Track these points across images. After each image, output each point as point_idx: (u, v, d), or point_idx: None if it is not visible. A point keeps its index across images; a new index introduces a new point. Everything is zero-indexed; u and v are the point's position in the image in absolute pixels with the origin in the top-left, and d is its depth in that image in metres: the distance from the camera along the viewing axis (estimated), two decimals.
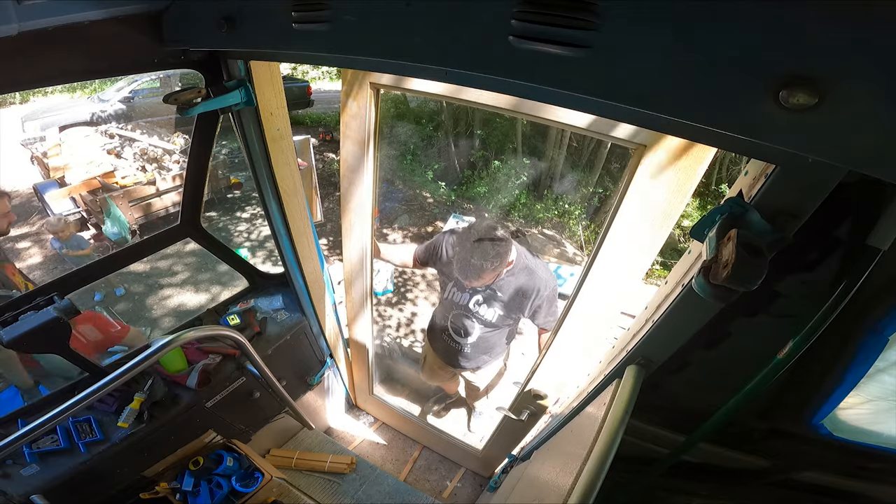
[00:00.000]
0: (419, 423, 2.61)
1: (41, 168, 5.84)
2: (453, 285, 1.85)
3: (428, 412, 2.86)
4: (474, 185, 6.60)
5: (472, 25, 0.59)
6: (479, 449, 2.34)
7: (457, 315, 1.89)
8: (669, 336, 0.88)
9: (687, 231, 6.55)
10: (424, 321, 3.91)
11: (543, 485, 1.22)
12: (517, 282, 1.71)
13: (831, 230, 0.64)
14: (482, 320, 1.83)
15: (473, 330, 1.88)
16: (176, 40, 1.04)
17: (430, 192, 6.62)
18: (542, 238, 5.38)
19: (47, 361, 2.65)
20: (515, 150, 6.68)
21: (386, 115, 8.64)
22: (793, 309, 0.74)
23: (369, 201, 1.57)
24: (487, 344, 1.95)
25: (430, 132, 7.82)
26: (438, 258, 1.88)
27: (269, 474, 1.74)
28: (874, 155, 0.41)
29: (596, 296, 1.23)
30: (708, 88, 0.46)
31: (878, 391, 0.77)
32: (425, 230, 5.87)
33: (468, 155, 7.19)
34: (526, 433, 1.85)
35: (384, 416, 2.74)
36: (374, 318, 2.14)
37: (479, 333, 1.89)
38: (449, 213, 5.80)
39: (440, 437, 2.51)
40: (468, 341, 1.92)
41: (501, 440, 2.07)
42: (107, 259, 1.53)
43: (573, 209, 6.26)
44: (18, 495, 1.29)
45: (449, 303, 1.89)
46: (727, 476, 1.19)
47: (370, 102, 1.30)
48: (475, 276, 1.57)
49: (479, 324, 1.86)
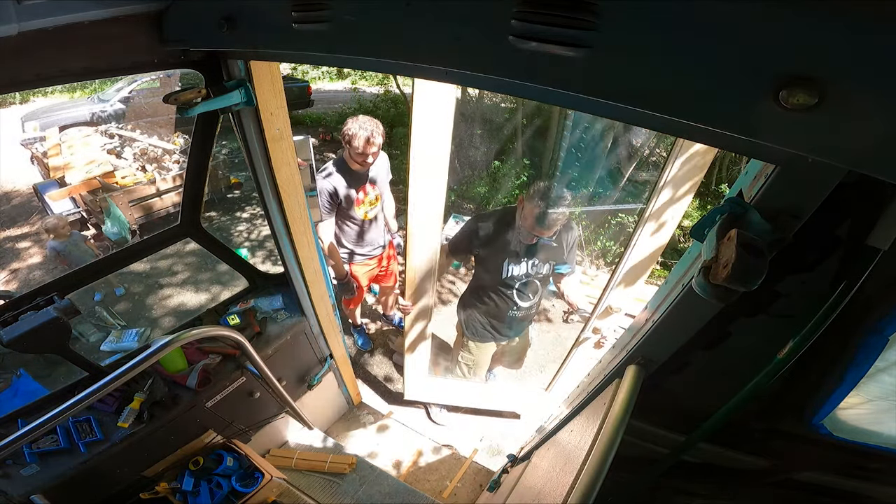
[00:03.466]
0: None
1: (41, 168, 5.84)
2: (509, 261, 2.03)
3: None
4: (474, 185, 6.59)
5: (472, 25, 0.59)
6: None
7: (522, 284, 2.11)
8: (669, 336, 0.88)
9: (687, 231, 6.55)
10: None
11: (543, 485, 1.22)
12: (565, 231, 2.06)
13: (831, 230, 0.64)
14: (542, 278, 2.12)
15: (538, 291, 2.17)
16: (176, 40, 1.04)
17: None
18: None
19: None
20: (515, 150, 6.67)
21: (386, 115, 8.65)
22: (793, 309, 0.74)
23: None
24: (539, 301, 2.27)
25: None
26: (480, 243, 2.07)
27: (269, 474, 1.74)
28: (874, 155, 0.41)
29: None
30: (708, 88, 0.46)
31: (878, 391, 0.77)
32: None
33: (468, 155, 7.18)
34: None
35: (446, 397, 2.83)
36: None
37: (541, 293, 2.19)
38: (449, 214, 5.79)
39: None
40: (531, 302, 2.20)
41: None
42: (107, 259, 1.53)
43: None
44: (18, 495, 1.29)
45: (509, 279, 2.08)
46: (727, 476, 1.19)
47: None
48: (553, 224, 1.88)
49: (540, 284, 2.15)
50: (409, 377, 2.65)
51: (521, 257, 2.04)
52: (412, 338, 2.35)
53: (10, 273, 4.86)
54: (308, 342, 2.05)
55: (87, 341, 3.81)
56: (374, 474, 2.26)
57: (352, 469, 2.25)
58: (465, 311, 2.36)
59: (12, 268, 4.93)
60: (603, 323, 2.12)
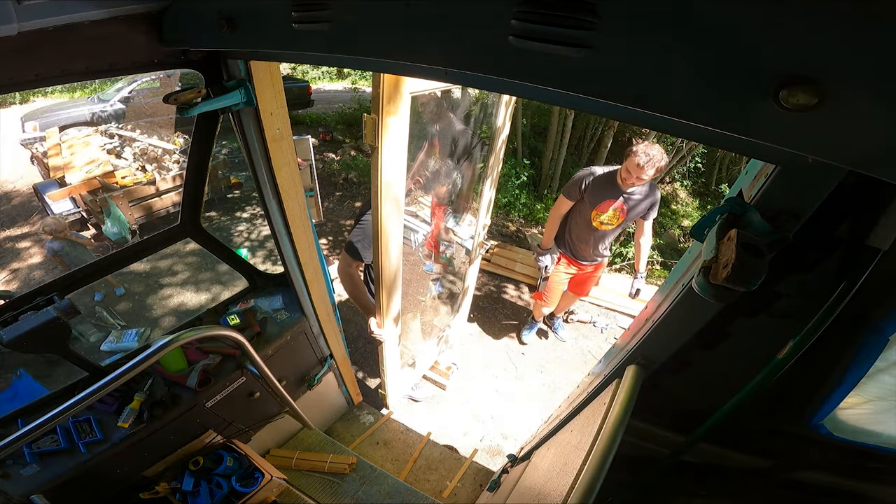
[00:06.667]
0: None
1: (41, 168, 5.84)
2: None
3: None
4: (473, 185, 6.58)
5: (472, 25, 0.59)
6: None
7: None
8: (669, 336, 0.88)
9: (687, 231, 6.55)
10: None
11: (543, 485, 1.22)
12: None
13: (831, 230, 0.64)
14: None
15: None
16: (176, 40, 1.04)
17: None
18: (542, 238, 5.37)
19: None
20: (515, 150, 6.67)
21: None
22: (793, 309, 0.74)
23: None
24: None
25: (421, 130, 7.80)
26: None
27: (269, 474, 1.74)
28: (874, 155, 0.41)
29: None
30: (708, 88, 0.46)
31: (878, 391, 0.77)
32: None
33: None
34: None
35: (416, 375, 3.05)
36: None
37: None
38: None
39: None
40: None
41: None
42: (107, 259, 1.53)
43: None
44: (18, 495, 1.29)
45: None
46: (727, 476, 1.19)
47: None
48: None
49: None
50: (391, 388, 2.72)
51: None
52: (391, 356, 2.41)
53: (10, 273, 4.85)
54: (308, 342, 2.05)
55: (87, 341, 3.81)
56: (374, 474, 2.26)
57: (352, 469, 2.25)
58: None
59: (12, 268, 4.93)
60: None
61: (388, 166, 1.45)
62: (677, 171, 7.95)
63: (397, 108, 1.34)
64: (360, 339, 3.56)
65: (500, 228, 5.61)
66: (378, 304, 1.99)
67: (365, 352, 3.50)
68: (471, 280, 3.18)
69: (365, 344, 3.53)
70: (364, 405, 2.88)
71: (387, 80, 1.24)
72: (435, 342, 3.19)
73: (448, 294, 3.59)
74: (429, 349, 3.15)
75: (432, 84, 1.53)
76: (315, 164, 5.30)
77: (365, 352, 3.50)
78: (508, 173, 6.22)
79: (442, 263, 2.94)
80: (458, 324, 3.46)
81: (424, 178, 2.26)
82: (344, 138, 8.35)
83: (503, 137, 2.39)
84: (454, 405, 3.14)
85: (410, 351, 2.92)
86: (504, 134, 2.36)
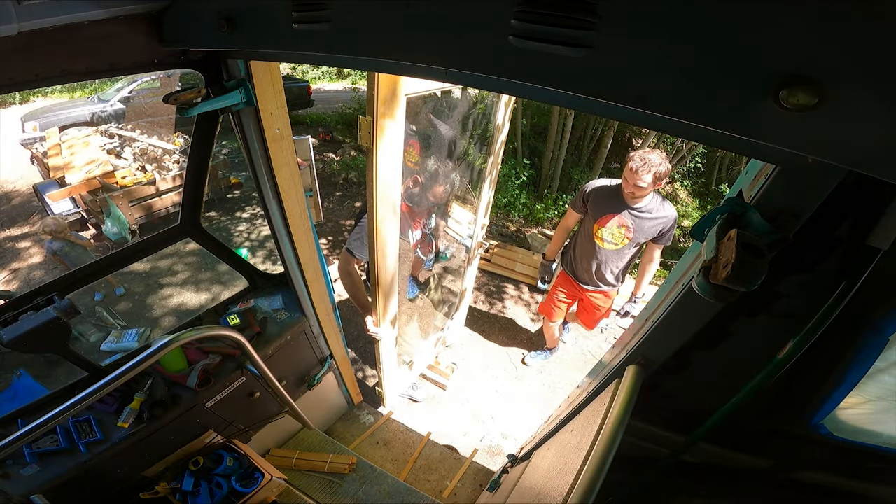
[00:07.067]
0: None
1: (41, 168, 5.84)
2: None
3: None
4: (473, 185, 6.59)
5: (472, 25, 0.59)
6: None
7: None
8: (669, 336, 0.88)
9: (687, 231, 6.55)
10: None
11: (543, 485, 1.22)
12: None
13: (831, 230, 0.64)
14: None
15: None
16: (176, 40, 1.04)
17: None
18: (542, 238, 5.37)
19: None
20: (515, 150, 6.67)
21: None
22: (793, 309, 0.74)
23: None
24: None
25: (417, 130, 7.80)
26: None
27: (269, 474, 1.74)
28: (874, 155, 0.41)
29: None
30: (708, 88, 0.46)
31: (878, 391, 0.77)
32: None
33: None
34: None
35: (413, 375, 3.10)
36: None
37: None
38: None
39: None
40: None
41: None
42: (107, 259, 1.53)
43: None
44: (18, 495, 1.29)
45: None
46: (727, 476, 1.19)
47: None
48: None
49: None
50: (388, 386, 2.73)
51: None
52: (387, 354, 2.42)
53: (10, 273, 4.85)
54: (308, 342, 2.05)
55: (87, 341, 3.81)
56: (374, 474, 2.26)
57: (352, 469, 2.25)
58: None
59: (12, 268, 4.93)
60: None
61: (383, 168, 1.45)
62: (677, 171, 7.95)
63: (392, 110, 1.34)
64: (361, 339, 3.56)
65: (500, 228, 5.61)
66: (374, 304, 1.99)
67: (365, 352, 3.50)
68: (469, 280, 3.18)
69: (365, 344, 3.53)
70: (364, 405, 2.88)
71: (382, 82, 1.24)
72: (433, 342, 3.19)
73: (447, 288, 3.59)
74: (427, 348, 3.15)
75: (429, 85, 1.53)
76: (315, 164, 5.31)
77: (365, 352, 3.50)
78: (508, 173, 6.22)
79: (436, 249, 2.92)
80: (457, 324, 3.46)
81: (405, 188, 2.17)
82: (344, 138, 8.36)
83: (502, 137, 2.38)
84: (454, 405, 3.14)
85: (407, 349, 2.92)
86: (503, 134, 2.36)
